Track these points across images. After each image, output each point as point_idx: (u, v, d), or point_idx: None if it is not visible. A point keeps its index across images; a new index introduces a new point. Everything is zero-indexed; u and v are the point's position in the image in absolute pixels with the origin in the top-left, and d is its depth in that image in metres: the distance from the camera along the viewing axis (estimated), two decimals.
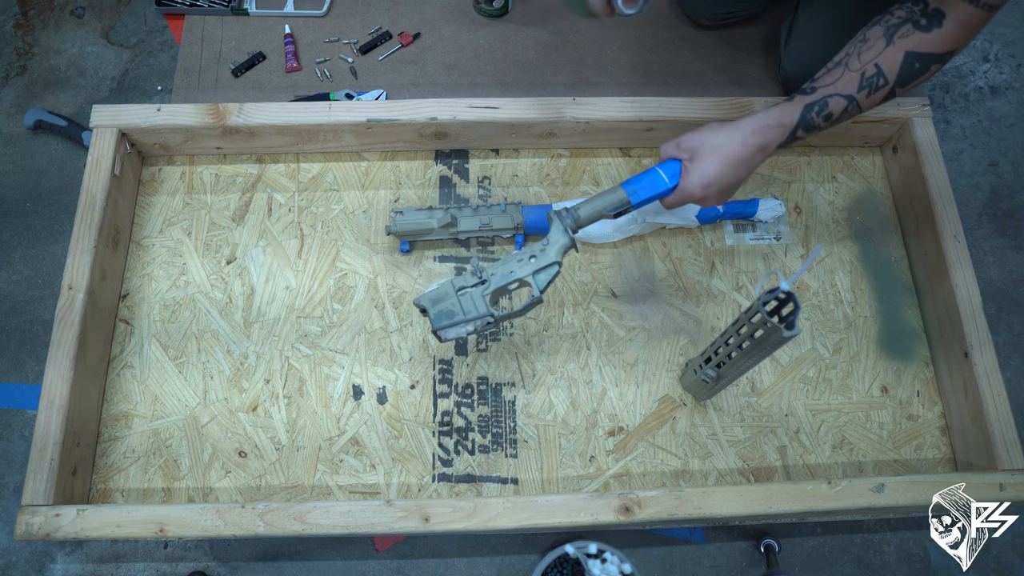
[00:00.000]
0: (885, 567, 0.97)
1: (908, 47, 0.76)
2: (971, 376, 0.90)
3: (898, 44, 0.76)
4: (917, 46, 0.76)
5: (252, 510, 0.79)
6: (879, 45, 0.78)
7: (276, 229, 1.03)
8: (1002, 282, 1.15)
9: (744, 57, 1.30)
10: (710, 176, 0.79)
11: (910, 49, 0.76)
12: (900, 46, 0.76)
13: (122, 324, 0.97)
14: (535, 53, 1.28)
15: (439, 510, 0.79)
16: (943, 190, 0.98)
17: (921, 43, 0.75)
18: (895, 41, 0.76)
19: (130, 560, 0.96)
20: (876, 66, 0.78)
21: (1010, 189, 1.23)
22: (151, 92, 1.25)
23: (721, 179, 0.79)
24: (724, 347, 0.80)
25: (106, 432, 0.92)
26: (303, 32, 1.28)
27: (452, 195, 1.06)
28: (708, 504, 0.80)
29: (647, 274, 1.02)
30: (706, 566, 0.97)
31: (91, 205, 0.93)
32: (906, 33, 0.76)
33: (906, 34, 0.76)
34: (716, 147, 0.79)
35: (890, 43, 0.77)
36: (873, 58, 0.78)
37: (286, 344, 0.96)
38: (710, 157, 0.79)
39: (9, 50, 1.29)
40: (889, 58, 0.77)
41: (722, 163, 0.78)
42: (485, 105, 1.00)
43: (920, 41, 0.75)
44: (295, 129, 1.00)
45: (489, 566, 0.96)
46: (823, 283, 1.03)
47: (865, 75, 0.78)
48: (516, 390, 0.95)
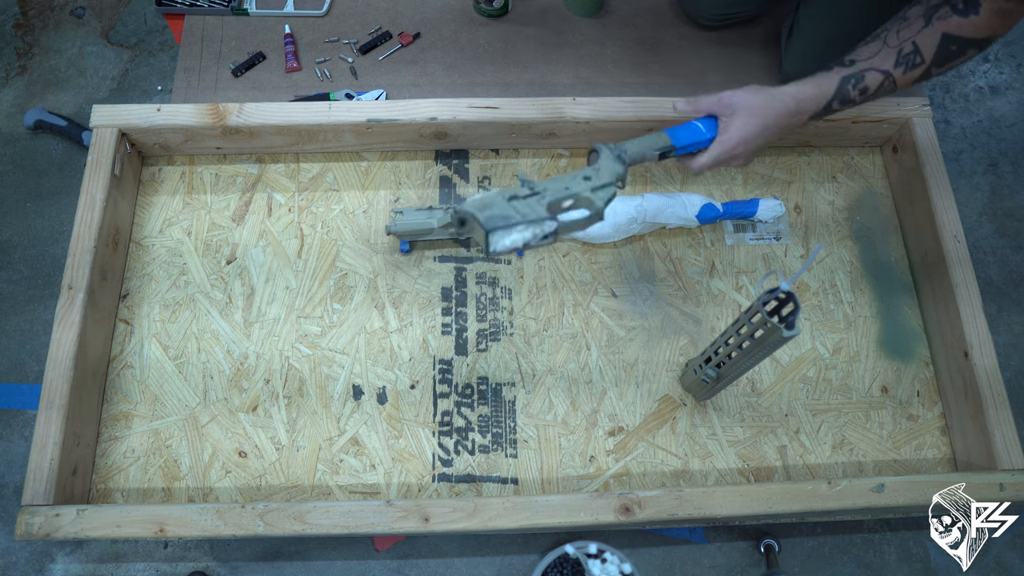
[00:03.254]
0: (885, 567, 0.97)
1: (946, 29, 0.76)
2: (971, 376, 0.90)
3: (936, 25, 0.77)
4: (955, 29, 0.76)
5: (252, 510, 0.79)
6: (918, 24, 0.78)
7: (276, 229, 1.03)
8: (1002, 282, 1.15)
9: (744, 57, 1.30)
10: (748, 134, 0.81)
11: (948, 31, 0.76)
12: (938, 27, 0.76)
13: (122, 324, 0.97)
14: (535, 53, 1.28)
15: (439, 510, 0.79)
16: (943, 190, 0.98)
17: (960, 27, 0.76)
18: (934, 22, 0.77)
19: (130, 560, 0.96)
20: (914, 44, 0.78)
21: (1010, 189, 1.23)
22: (151, 92, 1.25)
23: (756, 139, 0.81)
24: (724, 347, 0.80)
25: (106, 432, 0.92)
26: (303, 32, 1.28)
27: (452, 195, 1.06)
28: (708, 504, 0.80)
29: (647, 274, 1.02)
30: (706, 566, 0.97)
31: (91, 205, 0.93)
32: (944, 15, 0.76)
33: (944, 16, 0.76)
34: (756, 109, 0.81)
35: (929, 23, 0.77)
36: (911, 36, 0.78)
37: (286, 344, 0.96)
38: (749, 118, 0.81)
39: (9, 50, 1.29)
40: (927, 38, 0.77)
41: (760, 124, 0.81)
42: (485, 105, 1.00)
43: (959, 24, 0.76)
44: (295, 129, 1.00)
45: (489, 566, 0.96)
46: (823, 283, 1.03)
47: (903, 52, 0.78)
48: (516, 390, 0.95)
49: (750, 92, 0.81)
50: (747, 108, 0.81)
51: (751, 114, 0.80)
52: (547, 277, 1.01)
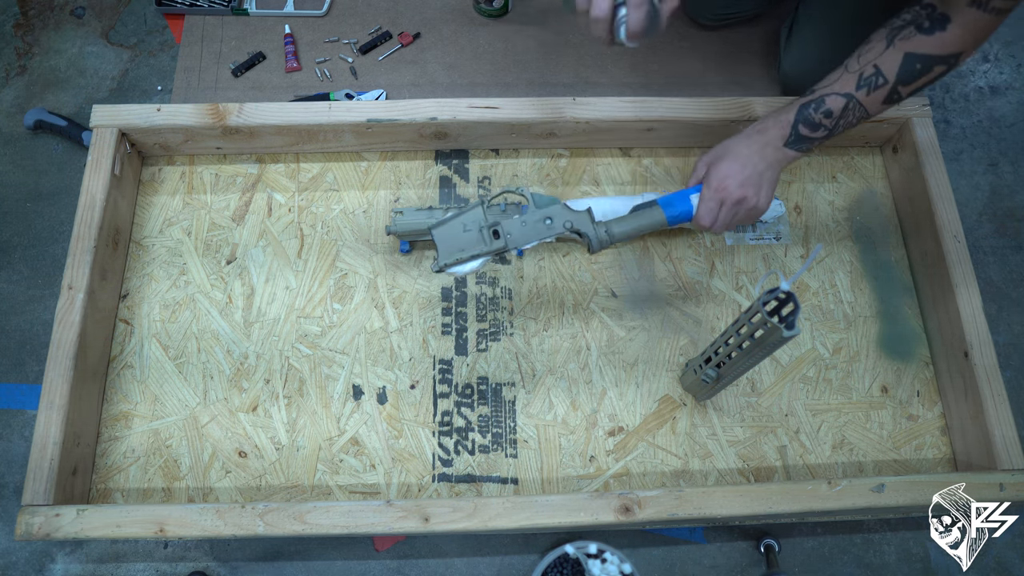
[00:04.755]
0: (885, 567, 0.97)
1: (908, 48, 0.77)
2: (971, 376, 0.90)
3: (898, 46, 0.77)
4: (917, 47, 0.76)
5: (252, 510, 0.79)
6: (879, 47, 0.78)
7: (276, 229, 1.03)
8: (1002, 282, 1.15)
9: (744, 57, 1.30)
10: (720, 171, 0.84)
11: (910, 51, 0.76)
12: (900, 47, 0.77)
13: (122, 324, 0.97)
14: (535, 53, 1.28)
15: (439, 510, 0.79)
16: (943, 190, 0.98)
17: (921, 45, 0.76)
18: (895, 43, 0.77)
19: (130, 560, 0.96)
20: (875, 67, 0.78)
21: (1010, 189, 1.23)
22: (151, 92, 1.25)
23: (733, 173, 0.84)
24: (724, 347, 0.80)
25: (106, 432, 0.92)
26: (303, 32, 1.28)
27: (452, 195, 1.06)
28: (708, 504, 0.80)
29: (647, 274, 1.02)
30: (706, 566, 0.97)
31: (91, 205, 0.93)
32: (908, 36, 0.76)
33: (907, 36, 0.76)
34: (719, 149, 0.87)
35: (890, 45, 0.78)
36: (872, 59, 0.79)
37: (286, 344, 0.96)
38: (715, 159, 0.86)
39: (9, 50, 1.29)
40: (888, 59, 0.78)
41: (731, 159, 0.84)
42: (485, 105, 1.00)
43: (920, 43, 0.76)
44: (295, 129, 1.00)
45: (489, 566, 0.96)
46: (823, 283, 1.03)
47: (863, 75, 0.79)
48: (516, 390, 0.95)
49: (717, 146, 0.88)
50: (713, 153, 0.87)
51: (716, 156, 0.87)
52: (547, 277, 1.01)
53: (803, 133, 0.83)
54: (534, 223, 0.82)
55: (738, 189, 0.83)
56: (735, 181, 0.83)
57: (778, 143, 0.84)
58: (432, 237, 0.81)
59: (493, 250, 0.80)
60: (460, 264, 0.81)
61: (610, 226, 0.84)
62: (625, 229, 0.85)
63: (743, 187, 0.84)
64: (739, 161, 0.84)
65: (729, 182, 0.84)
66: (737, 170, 0.84)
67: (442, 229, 0.81)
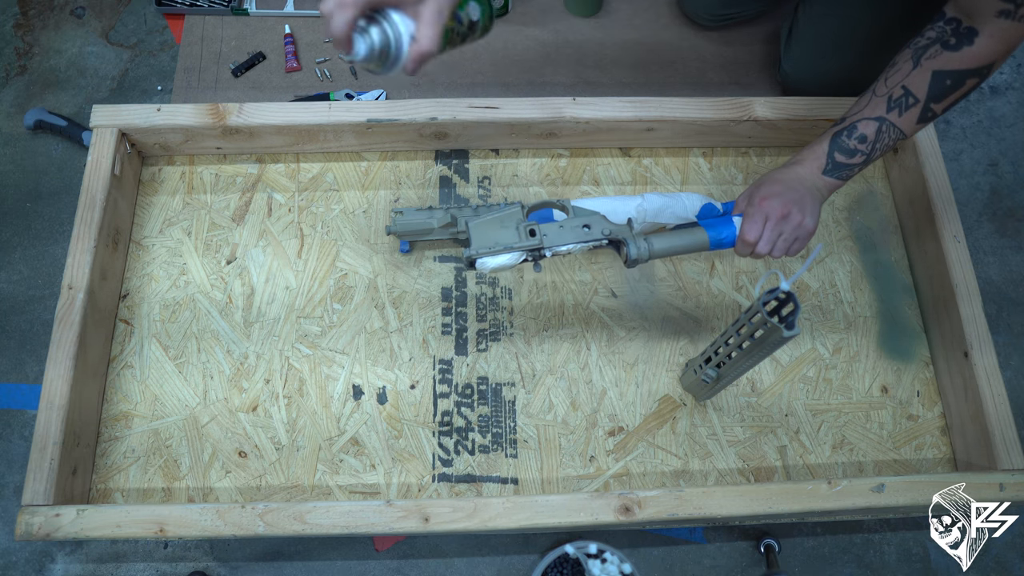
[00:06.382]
0: (885, 567, 0.97)
1: (935, 67, 0.75)
2: (971, 376, 0.90)
3: (925, 65, 0.75)
4: (945, 65, 0.75)
5: (252, 510, 0.79)
6: (906, 68, 0.77)
7: (276, 229, 1.03)
8: (1002, 282, 1.15)
9: (744, 57, 1.30)
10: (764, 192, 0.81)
11: (938, 68, 0.75)
12: (927, 67, 0.75)
13: (122, 324, 0.97)
14: (535, 53, 1.28)
15: (439, 510, 0.79)
16: (943, 190, 0.98)
17: (949, 62, 0.74)
18: (922, 63, 0.76)
19: (130, 560, 0.96)
20: (903, 87, 0.77)
21: (1010, 189, 1.23)
22: (151, 92, 1.25)
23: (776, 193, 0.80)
24: (724, 347, 0.80)
25: (106, 432, 0.92)
26: (303, 32, 1.28)
27: (452, 195, 1.06)
28: (708, 504, 0.80)
29: (647, 274, 1.02)
30: (706, 566, 0.97)
31: (91, 205, 0.93)
32: (934, 54, 0.75)
33: (934, 55, 0.75)
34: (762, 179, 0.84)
35: (917, 65, 0.76)
36: (900, 81, 0.77)
37: (286, 344, 0.96)
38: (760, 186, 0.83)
39: (9, 50, 1.29)
40: (916, 79, 0.76)
41: (771, 183, 0.82)
42: (485, 105, 1.00)
43: (948, 60, 0.74)
44: (295, 129, 1.00)
45: (489, 566, 0.96)
46: (823, 283, 1.03)
47: (893, 97, 0.78)
48: (516, 390, 0.95)
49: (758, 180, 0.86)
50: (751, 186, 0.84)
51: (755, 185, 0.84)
52: (547, 277, 1.01)
53: (839, 160, 0.81)
54: (572, 228, 0.81)
55: (782, 206, 0.80)
56: (779, 200, 0.80)
57: (816, 172, 0.82)
58: (467, 229, 0.81)
59: (527, 246, 0.79)
60: (492, 255, 0.80)
61: (652, 241, 0.81)
62: (665, 246, 0.81)
63: (786, 204, 0.80)
64: (780, 184, 0.81)
65: (772, 200, 0.80)
66: (779, 191, 0.80)
67: (478, 222, 0.81)
